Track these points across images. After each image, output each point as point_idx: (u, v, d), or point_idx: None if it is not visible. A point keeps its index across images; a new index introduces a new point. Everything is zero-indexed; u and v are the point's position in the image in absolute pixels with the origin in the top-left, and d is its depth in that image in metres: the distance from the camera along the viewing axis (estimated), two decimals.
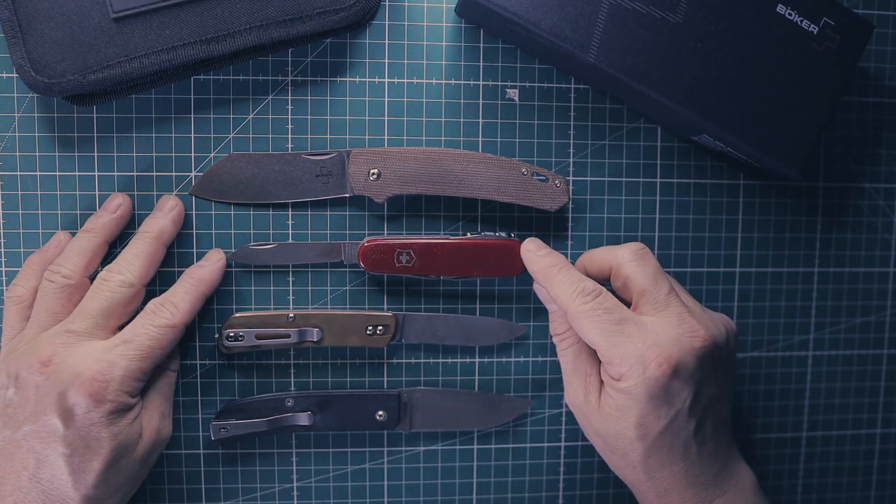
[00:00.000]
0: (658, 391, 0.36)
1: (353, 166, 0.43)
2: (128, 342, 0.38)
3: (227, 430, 0.43)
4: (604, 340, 0.38)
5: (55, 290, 0.39)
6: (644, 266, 0.40)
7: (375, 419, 0.44)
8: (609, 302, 0.39)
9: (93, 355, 0.37)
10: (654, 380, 0.36)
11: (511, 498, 0.48)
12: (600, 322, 0.38)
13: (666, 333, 0.37)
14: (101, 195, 0.43)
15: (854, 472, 0.51)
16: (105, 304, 0.39)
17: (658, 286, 0.39)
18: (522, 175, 0.43)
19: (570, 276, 0.40)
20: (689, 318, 0.38)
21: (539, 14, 0.39)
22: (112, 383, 0.36)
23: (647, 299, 0.39)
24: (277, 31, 0.41)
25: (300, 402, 0.44)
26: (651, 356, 0.36)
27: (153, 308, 0.39)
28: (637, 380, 0.37)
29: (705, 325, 0.38)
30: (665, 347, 0.37)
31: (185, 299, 0.40)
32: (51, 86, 0.39)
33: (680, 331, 0.38)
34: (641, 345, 0.37)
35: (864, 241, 0.49)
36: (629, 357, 0.37)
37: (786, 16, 0.41)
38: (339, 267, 0.45)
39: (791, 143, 0.41)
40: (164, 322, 0.39)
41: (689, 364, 0.37)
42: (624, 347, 0.37)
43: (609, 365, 0.38)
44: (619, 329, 0.38)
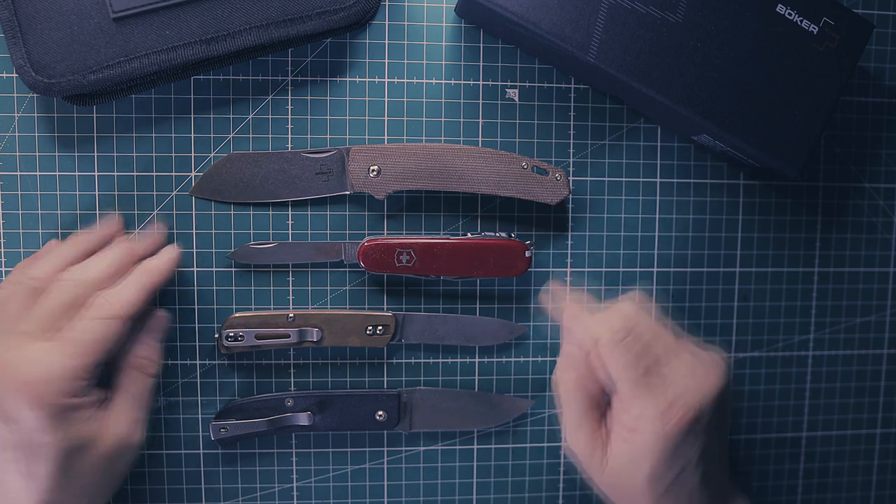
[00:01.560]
0: (674, 444, 0.36)
1: (352, 163, 0.43)
2: (65, 340, 0.36)
3: (228, 430, 0.43)
4: (628, 388, 0.37)
5: (20, 291, 0.38)
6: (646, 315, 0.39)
7: (375, 419, 0.44)
8: (640, 347, 0.38)
9: (31, 357, 0.35)
10: (672, 435, 0.36)
11: (511, 498, 0.48)
12: (628, 367, 0.37)
13: (683, 385, 0.37)
14: (101, 195, 0.43)
15: (854, 472, 0.51)
16: (51, 304, 0.37)
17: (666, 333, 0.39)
18: (522, 169, 0.43)
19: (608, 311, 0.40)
20: (700, 366, 0.38)
21: (539, 14, 0.39)
22: (49, 385, 0.34)
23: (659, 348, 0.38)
24: (277, 31, 0.41)
25: (300, 402, 0.44)
26: (672, 411, 0.36)
27: (93, 302, 0.37)
28: (653, 434, 0.36)
29: (713, 371, 0.38)
30: (685, 401, 0.36)
31: (130, 290, 0.38)
32: (50, 86, 0.39)
33: (694, 381, 0.37)
34: (662, 400, 0.36)
35: (864, 241, 0.49)
36: (649, 409, 0.36)
37: (786, 16, 0.41)
38: (339, 267, 0.45)
39: (791, 143, 0.41)
40: (105, 313, 0.37)
41: (704, 415, 0.37)
42: (645, 400, 0.37)
43: (625, 412, 0.37)
44: (644, 380, 0.37)
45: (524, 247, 0.44)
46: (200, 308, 0.44)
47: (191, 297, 0.44)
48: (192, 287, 0.44)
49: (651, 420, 0.36)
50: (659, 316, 0.40)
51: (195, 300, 0.44)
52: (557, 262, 0.47)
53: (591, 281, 0.47)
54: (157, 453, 0.45)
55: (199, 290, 0.44)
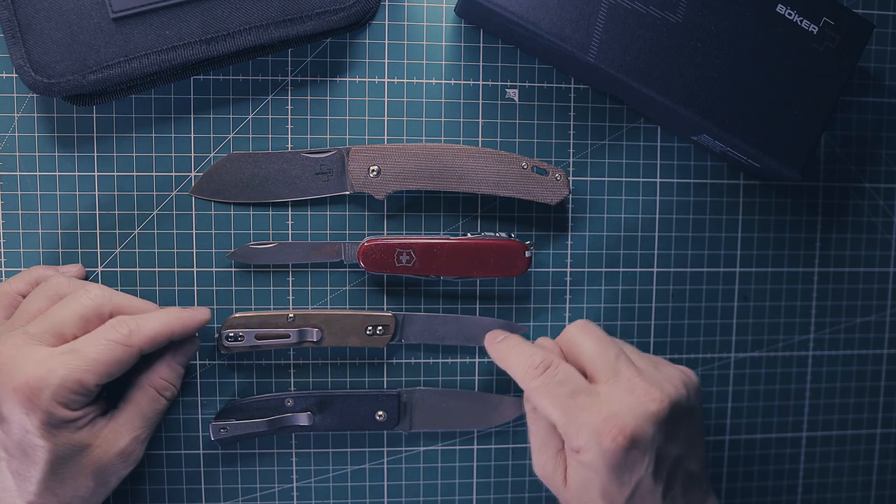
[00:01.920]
0: (617, 461, 0.36)
1: (352, 163, 0.43)
2: (74, 351, 0.35)
3: (227, 431, 0.43)
4: (559, 413, 0.37)
5: (44, 292, 0.38)
6: (588, 336, 0.39)
7: (375, 419, 0.44)
8: (560, 373, 0.38)
9: (33, 360, 0.35)
10: (611, 452, 0.35)
11: (511, 498, 0.48)
12: (553, 395, 0.37)
13: (620, 402, 0.36)
14: (101, 195, 0.43)
15: (854, 472, 0.51)
16: (67, 313, 0.37)
17: (605, 353, 0.39)
18: (522, 169, 0.43)
19: (520, 353, 0.40)
20: (641, 383, 0.37)
21: (539, 14, 0.39)
22: (45, 391, 0.34)
23: (597, 367, 0.38)
24: (277, 31, 0.41)
25: (300, 402, 0.44)
26: (606, 428, 0.36)
27: (113, 322, 0.37)
28: (595, 452, 0.36)
29: (659, 387, 0.37)
30: (619, 418, 0.36)
31: (151, 325, 0.38)
32: (50, 86, 0.39)
33: (633, 398, 0.37)
34: (596, 417, 0.36)
35: (864, 241, 0.49)
36: (585, 430, 0.36)
37: (786, 16, 0.41)
38: (339, 267, 0.45)
39: (791, 143, 0.41)
40: (118, 338, 0.36)
41: (647, 431, 0.36)
42: (579, 420, 0.36)
43: (567, 437, 0.37)
44: (572, 402, 0.37)
45: (524, 247, 0.44)
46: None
47: (191, 297, 0.44)
48: (192, 287, 0.44)
49: (588, 439, 0.36)
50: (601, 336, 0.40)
51: (195, 300, 0.44)
52: (557, 262, 0.47)
53: (591, 281, 0.47)
54: (157, 453, 0.45)
55: (199, 290, 0.44)
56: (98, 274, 0.43)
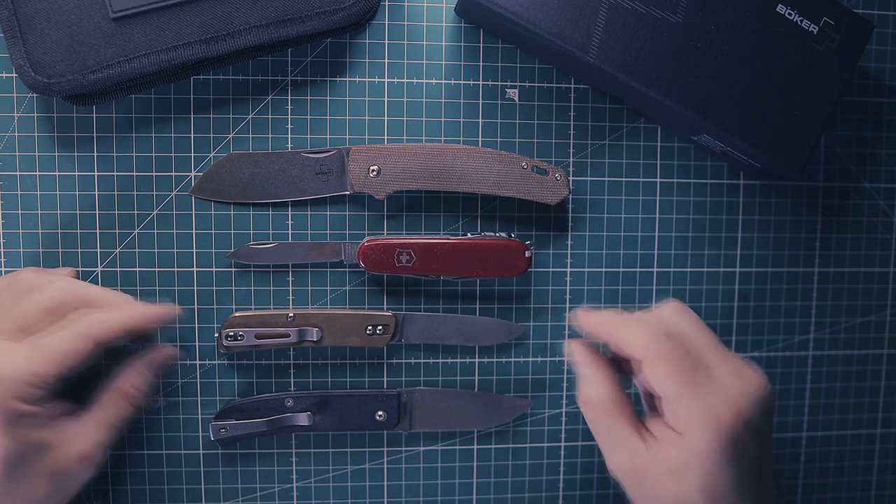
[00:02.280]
0: (729, 447, 0.33)
1: (352, 163, 0.43)
2: (31, 344, 0.35)
3: (227, 431, 0.43)
4: (675, 388, 0.34)
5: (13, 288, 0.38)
6: (689, 318, 0.37)
7: (375, 419, 0.44)
8: (682, 349, 0.35)
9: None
10: (726, 433, 0.33)
11: (511, 498, 0.48)
12: (680, 364, 0.35)
13: (733, 384, 0.35)
14: (101, 195, 0.43)
15: (854, 472, 0.51)
16: (30, 304, 0.36)
17: (709, 337, 0.37)
18: (522, 169, 0.43)
19: (641, 321, 0.37)
20: (747, 367, 0.36)
21: (539, 14, 0.39)
22: (4, 385, 0.33)
23: (704, 351, 0.36)
24: (277, 31, 0.41)
25: (300, 402, 0.44)
26: (724, 409, 0.34)
27: (76, 315, 0.37)
28: (708, 434, 0.33)
29: (760, 373, 0.36)
30: (736, 401, 0.34)
31: (116, 318, 0.37)
32: (50, 86, 0.39)
33: (743, 381, 0.35)
34: (714, 397, 0.34)
35: (864, 241, 0.49)
36: (700, 409, 0.34)
37: (786, 16, 0.41)
38: (339, 267, 0.45)
39: (791, 143, 0.41)
40: (81, 329, 0.36)
41: (757, 417, 0.34)
42: (695, 399, 0.34)
43: (674, 415, 0.35)
44: (691, 378, 0.34)
45: (524, 247, 0.44)
46: (200, 308, 0.44)
47: (191, 297, 0.44)
48: (192, 287, 0.44)
49: (702, 421, 0.34)
50: (700, 320, 0.38)
51: (195, 300, 0.44)
52: (557, 262, 0.47)
53: (591, 281, 0.47)
54: (157, 453, 0.45)
55: (199, 290, 0.44)
56: (98, 274, 0.43)
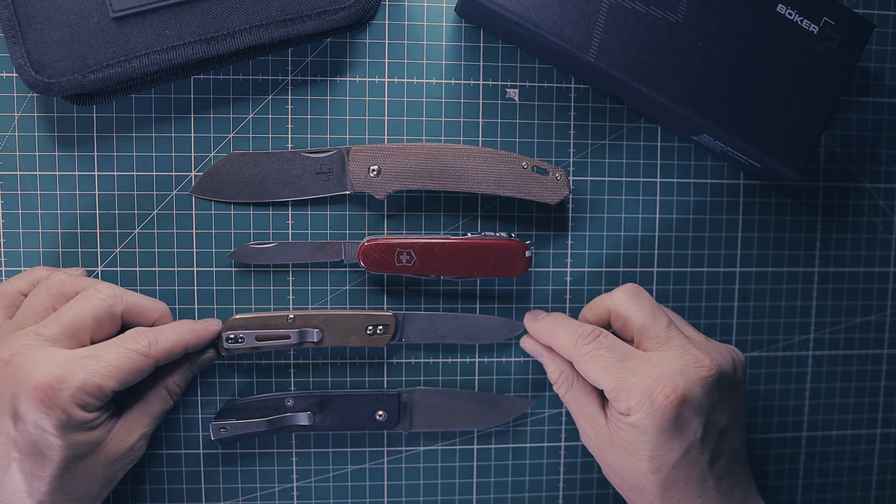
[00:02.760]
0: (667, 422, 0.36)
1: (352, 163, 0.43)
2: (94, 356, 0.36)
3: (227, 430, 0.43)
4: (609, 378, 0.38)
5: (47, 289, 0.38)
6: (639, 303, 0.40)
7: (375, 419, 0.44)
8: (609, 341, 0.39)
9: (52, 361, 0.35)
10: (662, 410, 0.36)
11: (511, 498, 0.48)
12: (603, 361, 0.38)
13: (670, 365, 0.37)
14: (101, 195, 0.43)
15: (854, 472, 0.51)
16: (81, 314, 0.37)
17: (656, 321, 0.39)
18: (522, 168, 0.43)
19: (568, 324, 0.41)
20: (692, 349, 0.38)
21: (539, 14, 0.39)
22: (64, 392, 0.34)
23: (648, 335, 0.39)
24: (277, 30, 0.41)
25: (300, 402, 0.44)
26: (657, 388, 0.36)
27: (133, 333, 0.38)
28: (645, 412, 0.36)
29: (709, 355, 0.38)
30: (671, 378, 0.37)
31: (169, 338, 0.39)
32: (50, 85, 0.39)
33: (684, 362, 0.38)
34: (647, 378, 0.37)
35: (864, 241, 0.49)
36: (636, 391, 0.37)
37: (786, 15, 0.41)
38: (339, 266, 0.45)
39: (791, 143, 0.41)
40: (138, 348, 0.37)
41: (697, 394, 0.37)
42: (629, 382, 0.37)
43: (616, 401, 0.38)
44: (623, 365, 0.38)
45: (524, 247, 0.44)
46: (200, 308, 0.44)
47: (191, 296, 0.44)
48: (192, 287, 0.44)
49: (639, 399, 0.37)
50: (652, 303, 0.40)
51: (195, 300, 0.44)
52: (557, 262, 0.47)
53: (591, 281, 0.47)
54: (157, 453, 0.45)
55: (199, 289, 0.44)
56: (98, 273, 0.43)
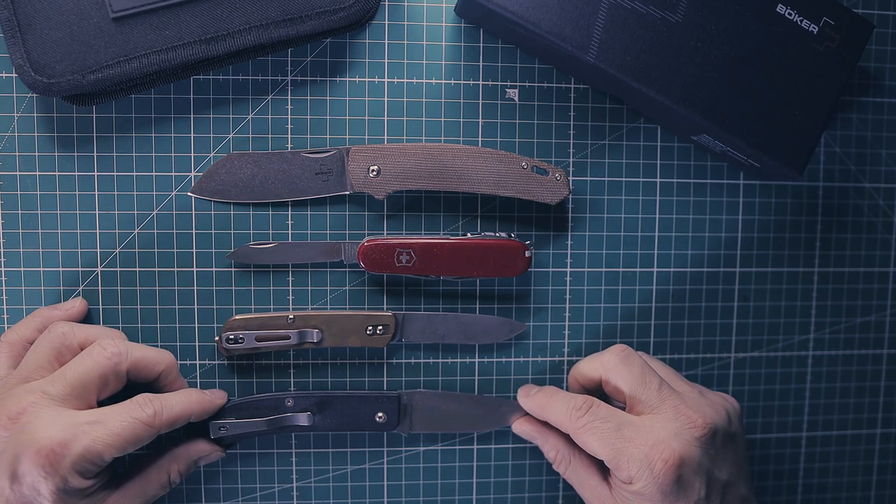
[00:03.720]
0: (669, 486, 0.37)
1: (352, 163, 0.43)
2: (98, 423, 0.36)
3: (227, 430, 0.43)
4: (606, 449, 0.38)
5: (50, 341, 0.38)
6: (629, 367, 0.40)
7: (375, 420, 0.44)
8: (602, 411, 0.39)
9: (58, 424, 0.35)
10: (662, 476, 0.37)
11: (511, 498, 0.48)
12: (599, 432, 0.38)
13: (664, 429, 0.38)
14: (101, 195, 0.43)
15: (854, 472, 0.51)
16: (87, 373, 0.37)
17: (647, 385, 0.40)
18: (522, 168, 0.43)
19: (560, 399, 0.41)
20: (685, 409, 0.39)
21: (539, 14, 0.39)
22: (66, 459, 0.34)
23: (639, 399, 0.40)
24: (277, 31, 0.41)
25: (300, 402, 0.44)
26: (655, 454, 0.37)
27: (140, 401, 0.38)
28: (647, 480, 0.37)
29: (702, 413, 0.39)
30: (666, 443, 0.37)
31: (174, 408, 0.39)
32: (50, 85, 0.39)
33: (678, 424, 0.38)
34: (644, 445, 0.37)
35: (864, 241, 0.49)
36: (634, 460, 0.37)
37: (786, 15, 0.40)
38: (339, 267, 0.45)
39: (791, 143, 0.41)
40: (144, 416, 0.37)
41: (694, 454, 0.37)
42: (627, 452, 0.37)
43: (617, 470, 0.38)
44: (619, 435, 0.38)
45: (524, 247, 0.44)
46: (200, 308, 0.44)
47: (191, 297, 0.44)
48: (192, 287, 0.44)
49: (638, 467, 0.37)
50: (642, 366, 0.41)
51: (195, 300, 0.44)
52: (557, 262, 0.47)
53: (591, 281, 0.47)
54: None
55: (199, 289, 0.44)
56: (98, 273, 0.43)
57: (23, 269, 0.43)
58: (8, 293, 0.43)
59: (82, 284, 0.43)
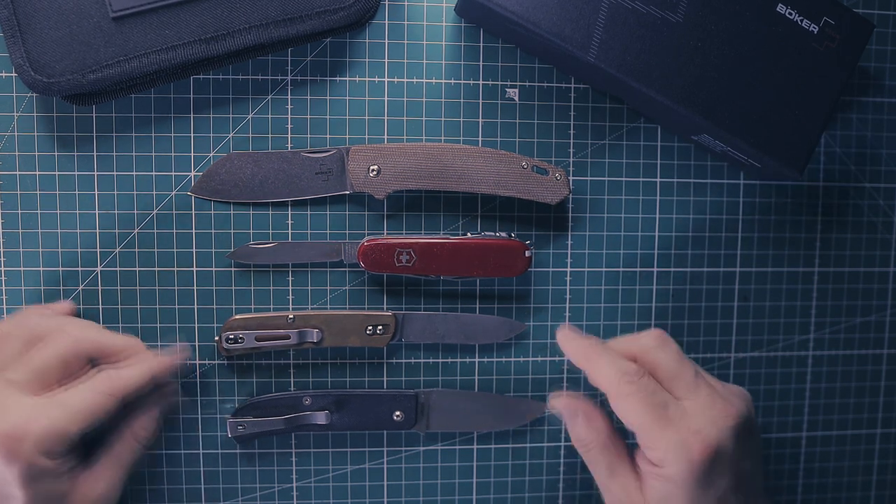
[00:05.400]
0: (703, 475, 0.36)
1: (352, 163, 0.43)
2: (56, 401, 0.35)
3: (245, 428, 0.43)
4: (648, 423, 0.37)
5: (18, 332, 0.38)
6: (668, 351, 0.40)
7: (392, 419, 0.44)
8: (652, 385, 0.38)
9: (15, 408, 0.34)
10: (698, 464, 0.36)
11: (511, 498, 0.48)
12: (647, 402, 0.37)
13: (703, 416, 0.37)
14: (101, 195, 0.43)
15: (854, 472, 0.51)
16: (48, 358, 0.37)
17: (685, 368, 0.39)
18: (522, 168, 0.43)
19: (612, 357, 0.40)
20: (719, 399, 0.38)
21: (539, 14, 0.39)
22: (26, 441, 0.34)
23: (678, 383, 0.39)
24: (277, 30, 0.40)
25: (318, 401, 0.44)
26: (694, 441, 0.36)
27: (97, 373, 0.38)
28: (681, 465, 0.36)
29: (734, 403, 0.38)
30: (706, 432, 0.37)
31: (133, 374, 0.38)
32: (50, 85, 0.39)
33: (714, 412, 0.38)
34: (684, 430, 0.37)
35: (864, 241, 0.49)
36: (672, 443, 0.37)
37: (786, 15, 0.41)
38: (339, 266, 0.45)
39: (791, 143, 0.41)
40: (103, 388, 0.37)
41: (728, 444, 0.37)
42: (667, 433, 0.37)
43: (649, 450, 0.37)
44: (663, 413, 0.37)
45: (524, 247, 0.44)
46: (200, 308, 0.44)
47: (190, 296, 0.44)
48: (191, 287, 0.44)
49: (675, 452, 0.36)
50: (679, 351, 0.40)
51: (195, 300, 0.44)
52: (557, 262, 0.47)
53: (591, 281, 0.47)
54: (157, 453, 0.45)
55: (199, 289, 0.44)
56: (98, 273, 0.43)
57: (22, 269, 0.43)
58: (8, 293, 0.43)
59: (82, 284, 0.43)
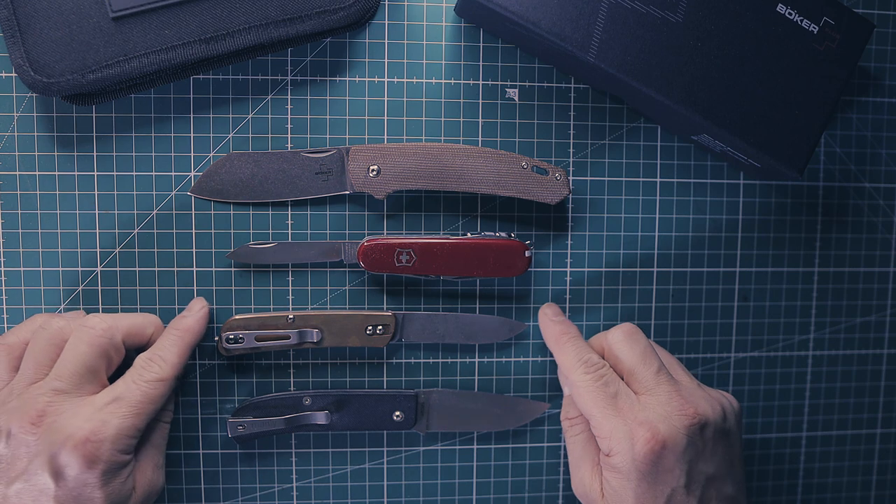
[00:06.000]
0: (647, 468, 0.37)
1: (352, 163, 0.43)
2: (119, 399, 0.37)
3: (245, 428, 0.43)
4: (597, 412, 0.39)
5: (46, 338, 0.38)
6: (632, 346, 0.41)
7: (393, 419, 0.44)
8: (609, 376, 0.40)
9: (83, 415, 0.36)
10: (642, 455, 0.37)
11: (511, 498, 0.48)
12: (596, 394, 0.39)
13: (654, 411, 0.38)
14: (101, 195, 0.43)
15: (854, 472, 0.51)
16: (87, 357, 0.38)
17: (646, 365, 0.40)
18: (522, 168, 0.43)
19: (577, 346, 0.42)
20: (677, 397, 0.39)
21: (539, 13, 0.39)
22: (105, 443, 0.36)
23: (636, 378, 0.40)
24: (277, 30, 0.40)
25: (318, 401, 0.44)
26: (639, 432, 0.37)
27: (142, 363, 0.39)
28: (626, 456, 0.37)
29: (694, 403, 0.39)
30: (652, 424, 0.37)
31: (173, 352, 0.40)
32: (49, 85, 0.39)
33: (669, 409, 0.38)
34: (631, 420, 0.38)
35: (864, 241, 0.49)
36: (618, 431, 0.37)
37: (786, 15, 0.40)
38: (339, 266, 0.45)
39: (791, 143, 0.41)
40: (153, 377, 0.38)
41: (679, 442, 0.37)
42: (614, 421, 0.38)
43: (600, 439, 0.39)
44: (612, 403, 0.39)
45: (524, 247, 0.44)
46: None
47: (191, 296, 0.44)
48: (191, 287, 0.44)
49: (620, 441, 0.37)
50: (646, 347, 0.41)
51: None
52: (557, 262, 0.47)
53: (591, 281, 0.47)
54: None
55: (199, 290, 0.44)
56: (98, 273, 0.43)
57: (22, 269, 0.43)
58: (8, 293, 0.43)
59: (82, 284, 0.43)
